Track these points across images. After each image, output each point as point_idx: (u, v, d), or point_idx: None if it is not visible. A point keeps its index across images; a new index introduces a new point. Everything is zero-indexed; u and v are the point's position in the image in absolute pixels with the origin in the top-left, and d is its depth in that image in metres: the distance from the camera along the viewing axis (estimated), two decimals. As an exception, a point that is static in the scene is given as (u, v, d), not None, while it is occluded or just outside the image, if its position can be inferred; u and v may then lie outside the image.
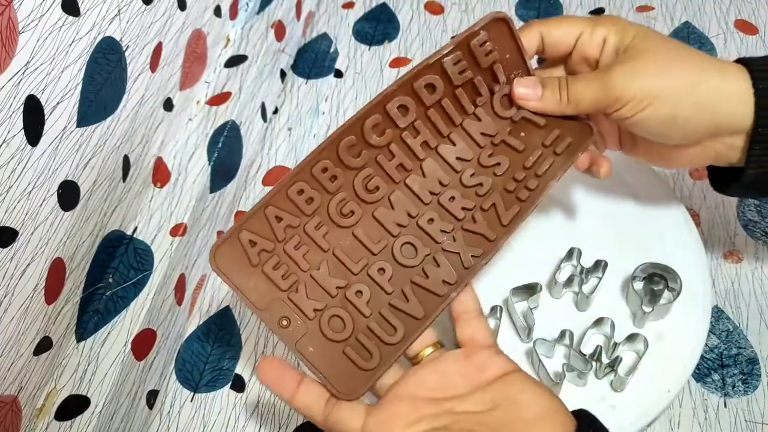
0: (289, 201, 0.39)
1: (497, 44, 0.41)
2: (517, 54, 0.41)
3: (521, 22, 0.73)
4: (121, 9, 0.44)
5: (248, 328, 0.56)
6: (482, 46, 0.40)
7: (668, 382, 0.43)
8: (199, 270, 0.57)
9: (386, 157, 0.41)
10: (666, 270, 0.45)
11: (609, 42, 0.40)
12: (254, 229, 0.39)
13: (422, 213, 0.41)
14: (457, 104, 0.42)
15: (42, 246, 0.41)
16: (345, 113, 0.68)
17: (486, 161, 0.42)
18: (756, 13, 0.72)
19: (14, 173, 0.37)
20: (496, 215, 0.41)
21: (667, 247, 0.48)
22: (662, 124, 0.39)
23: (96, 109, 0.44)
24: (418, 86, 0.40)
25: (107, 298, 0.49)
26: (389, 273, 0.40)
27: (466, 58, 0.41)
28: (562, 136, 0.41)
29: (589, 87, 0.39)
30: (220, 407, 0.52)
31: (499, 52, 0.41)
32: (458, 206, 0.41)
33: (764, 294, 0.53)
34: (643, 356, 0.43)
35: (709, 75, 0.38)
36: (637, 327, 0.45)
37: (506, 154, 0.42)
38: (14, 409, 0.42)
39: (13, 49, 0.35)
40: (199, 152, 0.57)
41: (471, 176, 0.42)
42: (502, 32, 0.41)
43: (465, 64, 0.41)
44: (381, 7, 0.77)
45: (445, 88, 0.41)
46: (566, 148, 0.41)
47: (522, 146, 0.42)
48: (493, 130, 0.42)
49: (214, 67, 0.62)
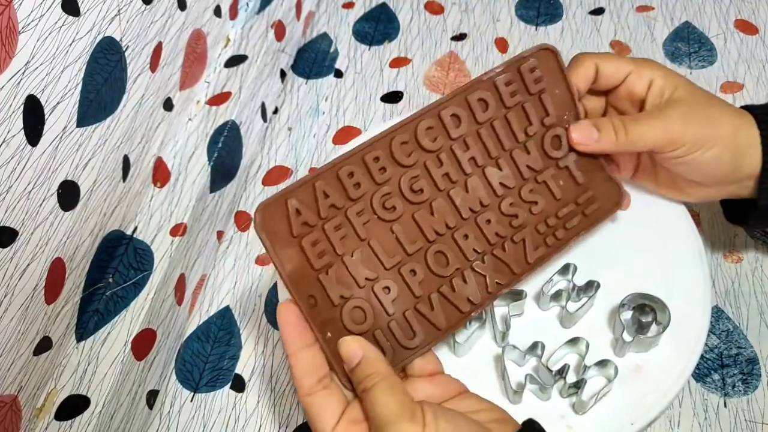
0: (338, 180, 0.39)
1: (546, 74, 0.43)
2: (566, 91, 0.43)
3: (521, 23, 0.74)
4: (121, 9, 0.45)
5: (248, 328, 0.56)
6: (531, 72, 0.42)
7: (633, 415, 0.42)
8: (199, 270, 0.57)
9: (435, 164, 0.41)
10: (656, 302, 0.44)
11: (656, 84, 0.44)
12: (302, 199, 0.38)
13: (459, 227, 0.41)
14: (509, 129, 0.43)
15: (42, 246, 0.41)
16: (345, 113, 0.68)
17: (526, 196, 0.43)
18: (756, 13, 0.72)
19: (14, 173, 0.37)
20: (523, 251, 0.42)
21: (667, 247, 0.48)
22: (708, 165, 0.43)
23: (96, 109, 0.44)
24: (471, 99, 0.41)
25: (107, 298, 0.49)
26: (420, 276, 0.40)
27: (516, 80, 0.42)
28: (593, 198, 0.44)
29: (651, 129, 0.43)
30: (220, 407, 0.52)
31: (548, 83, 0.43)
32: (493, 231, 0.42)
33: (764, 294, 0.53)
34: (611, 384, 0.42)
35: (742, 123, 0.43)
36: (617, 355, 0.44)
37: (544, 196, 0.43)
38: (14, 409, 0.42)
39: (13, 49, 0.35)
40: (199, 152, 0.57)
41: (510, 205, 0.42)
42: (551, 64, 0.43)
43: (515, 87, 0.42)
44: (381, 7, 0.77)
45: (497, 108, 0.42)
46: (593, 212, 0.44)
47: (560, 194, 0.43)
48: (539, 166, 0.43)
49: (214, 67, 0.62)
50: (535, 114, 0.43)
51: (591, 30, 0.72)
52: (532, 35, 0.73)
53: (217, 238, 0.59)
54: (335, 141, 0.66)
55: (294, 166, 0.65)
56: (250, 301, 0.57)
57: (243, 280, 0.58)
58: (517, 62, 0.42)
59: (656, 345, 0.44)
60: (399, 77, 0.70)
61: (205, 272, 0.58)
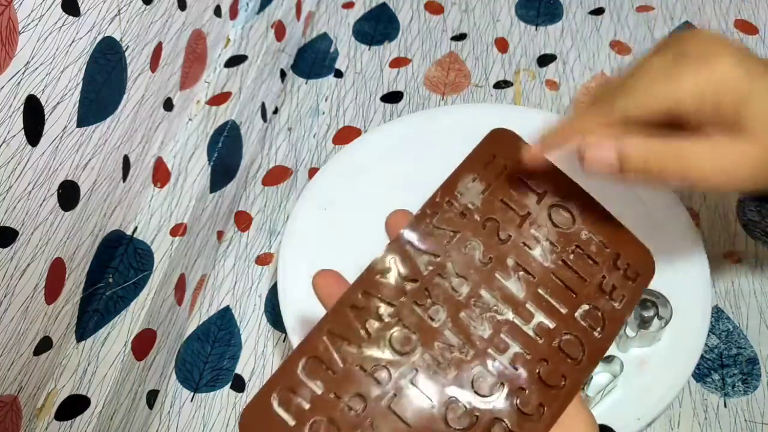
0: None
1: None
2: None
3: (521, 23, 0.74)
4: (121, 9, 0.45)
5: (248, 328, 0.56)
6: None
7: (640, 410, 0.42)
8: (199, 270, 0.57)
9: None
10: (657, 296, 0.44)
11: (706, 100, 0.33)
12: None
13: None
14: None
15: (42, 246, 0.41)
16: (345, 113, 0.68)
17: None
18: (756, 13, 0.72)
19: (14, 173, 0.37)
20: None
21: (667, 247, 0.48)
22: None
23: (96, 109, 0.44)
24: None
25: (107, 298, 0.49)
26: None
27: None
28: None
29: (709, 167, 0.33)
30: (220, 407, 0.52)
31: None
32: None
33: (764, 294, 0.53)
34: (618, 380, 0.42)
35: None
36: (620, 351, 0.44)
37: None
38: (14, 409, 0.42)
39: (13, 49, 0.35)
40: (199, 152, 0.57)
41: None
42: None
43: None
44: (381, 7, 0.77)
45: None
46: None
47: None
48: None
49: (214, 67, 0.62)
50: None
51: (591, 30, 0.72)
52: (532, 35, 0.73)
53: (217, 238, 0.59)
54: (335, 141, 0.66)
55: (294, 166, 0.65)
56: (250, 301, 0.57)
57: (243, 280, 0.58)
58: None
59: (659, 340, 0.44)
60: (399, 77, 0.70)
61: (205, 272, 0.58)
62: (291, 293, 0.52)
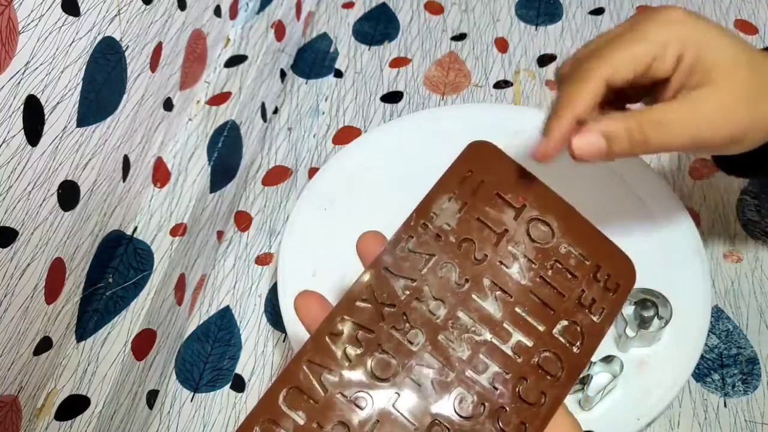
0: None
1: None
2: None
3: (521, 22, 0.74)
4: (121, 9, 0.45)
5: (248, 328, 0.56)
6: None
7: (640, 410, 0.42)
8: (199, 270, 0.57)
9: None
10: (657, 296, 0.44)
11: (685, 59, 0.36)
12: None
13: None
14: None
15: (42, 246, 0.41)
16: (345, 113, 0.68)
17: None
18: (756, 13, 0.72)
19: (14, 173, 0.37)
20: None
21: (667, 247, 0.48)
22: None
23: (96, 109, 0.44)
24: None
25: (107, 298, 0.49)
26: None
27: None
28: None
29: (679, 132, 0.36)
30: (220, 407, 0.52)
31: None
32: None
33: (764, 294, 0.53)
34: (617, 380, 0.42)
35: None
36: (620, 351, 0.44)
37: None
38: (14, 409, 0.42)
39: (13, 49, 0.35)
40: (199, 152, 0.57)
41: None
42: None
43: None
44: (381, 7, 0.77)
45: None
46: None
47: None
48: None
49: (214, 67, 0.62)
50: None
51: (591, 30, 0.72)
52: (532, 35, 0.73)
53: (217, 238, 0.59)
54: (335, 141, 0.66)
55: (294, 166, 0.65)
56: (250, 301, 0.57)
57: (243, 280, 0.58)
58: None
59: (659, 340, 0.44)
60: (399, 77, 0.70)
61: (205, 272, 0.58)
62: (291, 293, 0.52)
